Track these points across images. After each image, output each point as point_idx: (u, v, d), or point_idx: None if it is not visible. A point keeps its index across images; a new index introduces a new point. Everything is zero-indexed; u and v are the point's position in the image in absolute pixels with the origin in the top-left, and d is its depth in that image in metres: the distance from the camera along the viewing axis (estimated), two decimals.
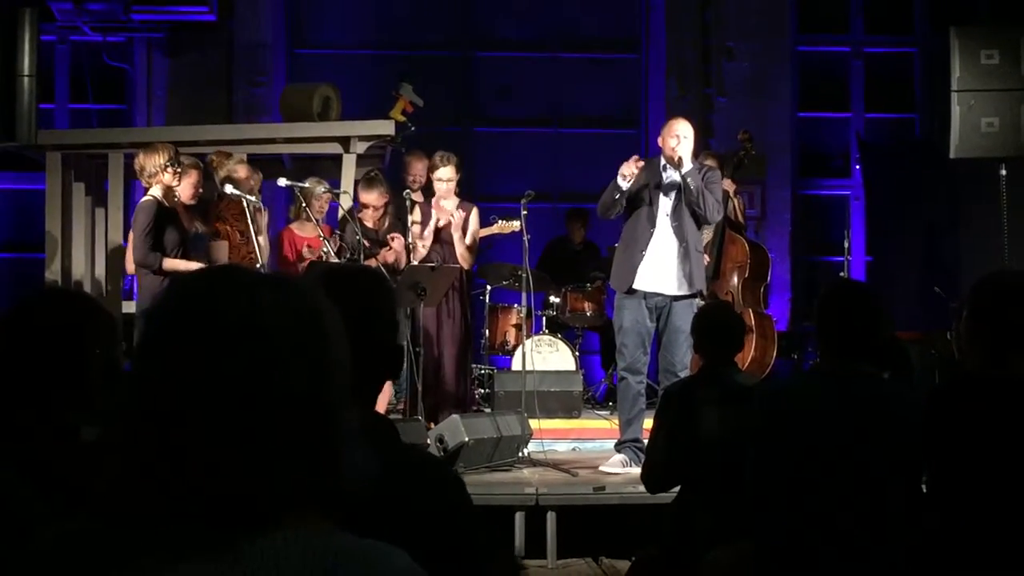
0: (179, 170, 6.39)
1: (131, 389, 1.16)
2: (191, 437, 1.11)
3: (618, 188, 6.32)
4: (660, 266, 6.37)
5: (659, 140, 6.54)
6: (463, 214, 7.46)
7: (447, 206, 7.49)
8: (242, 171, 6.95)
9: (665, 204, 6.43)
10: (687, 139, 6.37)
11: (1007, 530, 2.89)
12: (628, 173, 6.27)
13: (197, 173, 6.73)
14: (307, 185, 7.25)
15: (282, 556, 1.11)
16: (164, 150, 6.35)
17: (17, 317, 2.47)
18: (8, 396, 2.33)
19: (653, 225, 6.41)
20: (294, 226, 7.41)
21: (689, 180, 6.32)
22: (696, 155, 6.67)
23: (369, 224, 7.37)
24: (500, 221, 7.73)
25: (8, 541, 1.92)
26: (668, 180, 6.44)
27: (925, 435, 3.05)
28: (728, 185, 8.28)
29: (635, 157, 6.38)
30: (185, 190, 6.65)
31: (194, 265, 6.27)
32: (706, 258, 7.93)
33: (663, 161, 6.47)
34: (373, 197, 7.36)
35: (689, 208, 6.37)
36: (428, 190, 7.74)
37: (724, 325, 4.35)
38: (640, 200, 6.43)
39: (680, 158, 6.32)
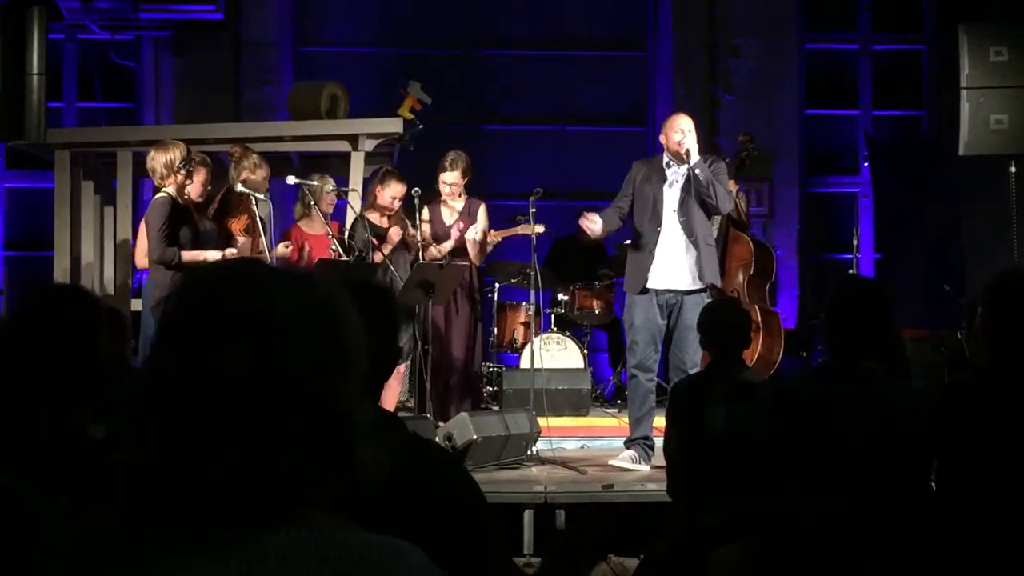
0: (191, 168, 6.40)
1: (145, 381, 1.16)
2: (205, 430, 1.11)
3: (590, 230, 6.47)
4: (671, 263, 6.35)
5: (661, 137, 6.52)
6: (462, 226, 7.41)
7: (453, 206, 7.46)
8: (261, 173, 6.92)
9: (671, 200, 6.40)
10: (691, 132, 6.35)
11: (1016, 528, 2.89)
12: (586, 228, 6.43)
13: (206, 171, 6.71)
14: (315, 183, 7.25)
15: (300, 553, 1.10)
16: (176, 148, 6.35)
17: (22, 316, 2.47)
18: (14, 394, 2.33)
19: (659, 223, 6.37)
20: (302, 223, 7.42)
21: (698, 172, 6.30)
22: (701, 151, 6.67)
23: (382, 222, 7.33)
24: (525, 223, 7.67)
25: (15, 539, 1.92)
26: (672, 175, 6.43)
27: (938, 432, 3.05)
28: (731, 185, 8.28)
29: (584, 217, 6.45)
30: (195, 188, 6.64)
31: (213, 255, 6.28)
32: None
33: (666, 158, 6.45)
34: (403, 190, 7.29)
35: (699, 200, 6.33)
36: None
37: (731, 321, 4.35)
38: (645, 199, 6.42)
39: (688, 150, 6.30)
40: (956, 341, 7.32)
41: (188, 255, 6.25)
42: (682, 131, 6.35)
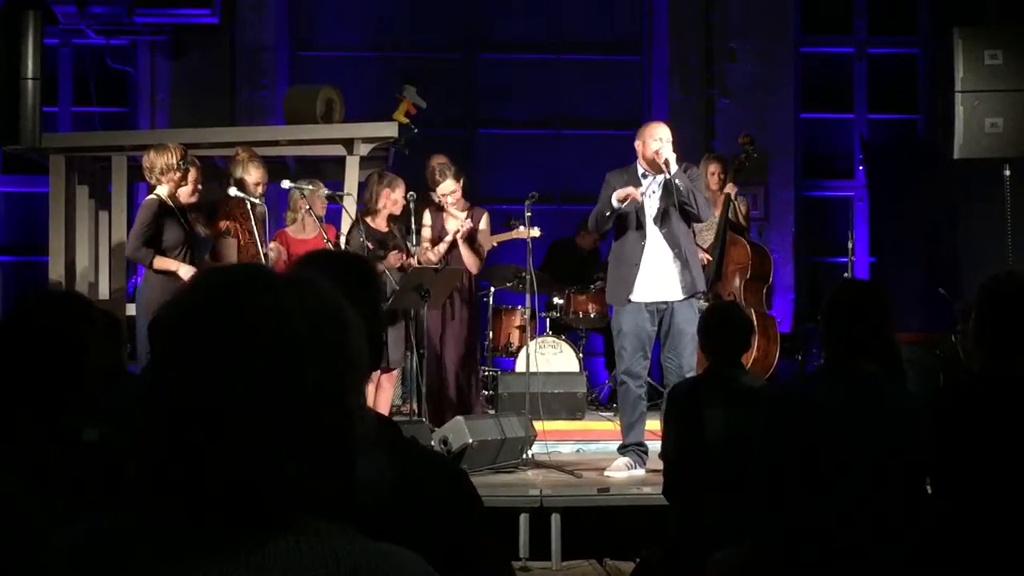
0: (188, 170, 6.38)
1: (149, 385, 1.15)
2: (210, 436, 1.10)
3: (611, 207, 6.16)
4: (657, 275, 6.22)
5: (637, 144, 6.32)
6: (471, 224, 7.41)
7: (457, 215, 7.45)
8: (256, 174, 6.91)
9: (651, 211, 6.25)
10: (668, 142, 6.19)
11: (1011, 529, 2.89)
12: (624, 199, 6.10)
13: (196, 171, 6.65)
14: (310, 187, 7.23)
15: (302, 559, 1.10)
16: (175, 150, 6.33)
17: (14, 320, 2.47)
18: (8, 399, 2.33)
19: (643, 236, 6.24)
20: (289, 230, 7.36)
21: (678, 181, 6.12)
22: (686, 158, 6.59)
23: (381, 227, 7.30)
24: (520, 227, 7.66)
25: (10, 542, 1.91)
26: (648, 185, 6.27)
27: (932, 434, 3.05)
28: (730, 188, 8.28)
29: (634, 191, 6.16)
30: (186, 189, 6.60)
31: (186, 270, 6.23)
32: (707, 258, 7.92)
33: (641, 168, 6.30)
34: (401, 193, 7.29)
35: (680, 209, 6.18)
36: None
37: (732, 324, 4.34)
38: (625, 212, 6.24)
39: (667, 160, 6.13)
40: (951, 344, 7.34)
41: (160, 262, 6.21)
42: (660, 140, 6.18)
